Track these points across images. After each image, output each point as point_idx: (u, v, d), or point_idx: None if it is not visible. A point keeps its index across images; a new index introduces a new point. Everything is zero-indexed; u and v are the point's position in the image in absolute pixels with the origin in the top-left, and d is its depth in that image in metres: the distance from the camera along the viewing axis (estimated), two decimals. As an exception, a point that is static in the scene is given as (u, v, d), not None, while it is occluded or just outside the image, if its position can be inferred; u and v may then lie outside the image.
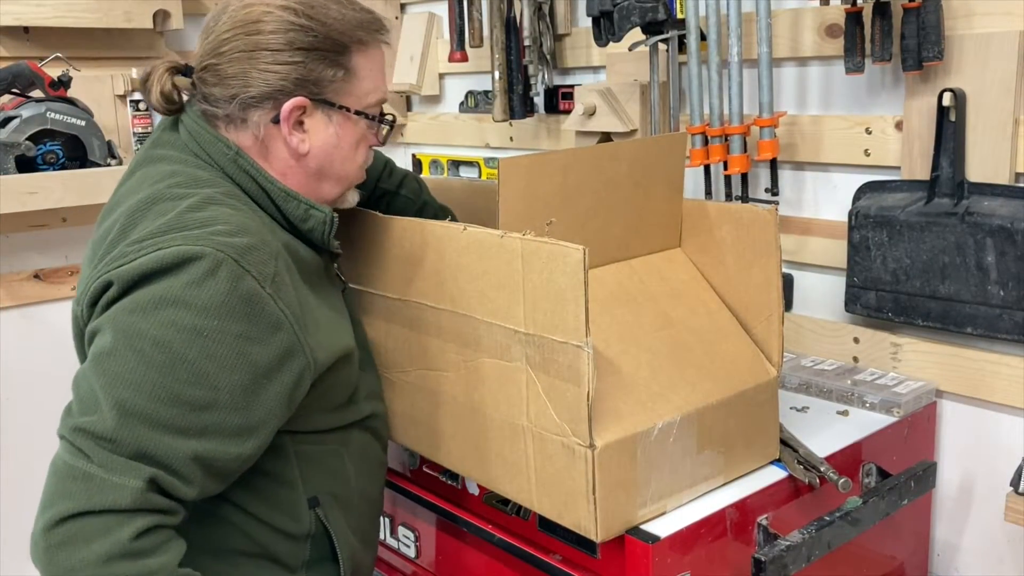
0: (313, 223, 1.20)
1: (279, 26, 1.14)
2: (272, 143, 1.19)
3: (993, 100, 1.50)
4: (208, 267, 1.02)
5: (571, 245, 1.10)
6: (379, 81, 1.24)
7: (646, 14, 1.76)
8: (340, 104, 1.20)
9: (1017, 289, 1.46)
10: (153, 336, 1.00)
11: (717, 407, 1.27)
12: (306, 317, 1.13)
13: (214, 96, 1.17)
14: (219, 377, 1.02)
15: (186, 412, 1.00)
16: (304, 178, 1.22)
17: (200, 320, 1.01)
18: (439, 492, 1.53)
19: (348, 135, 1.22)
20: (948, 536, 1.69)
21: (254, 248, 1.07)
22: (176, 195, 1.10)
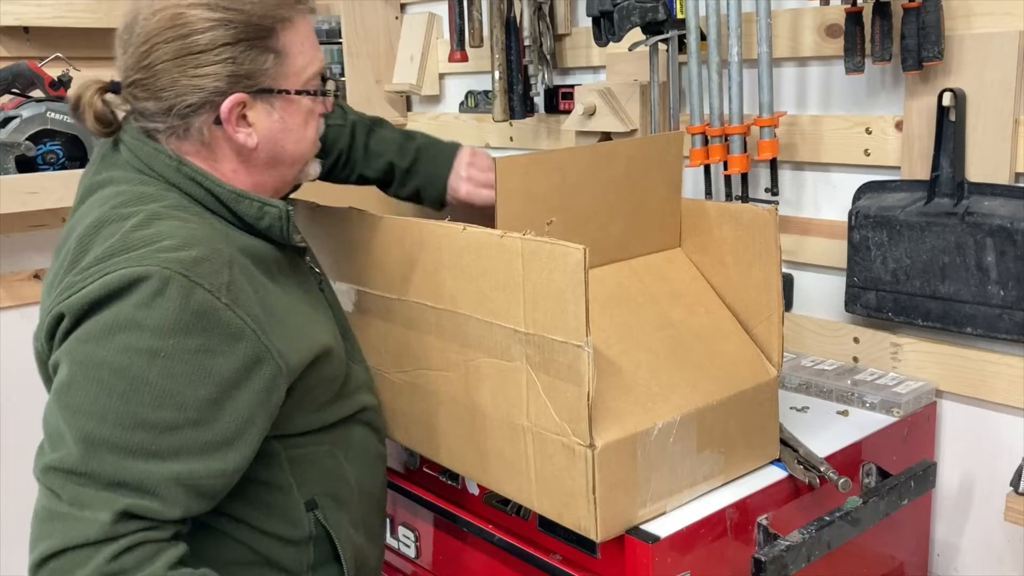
0: (269, 220, 1.16)
1: (197, 26, 1.09)
2: (218, 145, 1.15)
3: (993, 100, 1.50)
4: (156, 286, 1.00)
5: (571, 245, 1.10)
6: (312, 52, 1.19)
7: (646, 14, 1.76)
8: (279, 89, 1.15)
9: (1017, 289, 1.46)
10: (110, 363, 0.98)
11: (717, 407, 1.27)
12: (272, 321, 1.10)
13: (149, 111, 1.13)
14: (184, 395, 1.00)
15: (155, 435, 0.98)
16: (258, 171, 1.19)
17: (155, 341, 0.99)
18: (439, 492, 1.53)
19: (294, 116, 1.18)
20: (948, 536, 1.69)
21: (203, 259, 1.04)
22: (121, 215, 1.07)
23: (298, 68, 1.17)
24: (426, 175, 1.51)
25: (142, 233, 1.04)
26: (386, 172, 1.53)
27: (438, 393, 1.36)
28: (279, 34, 1.14)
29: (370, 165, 1.53)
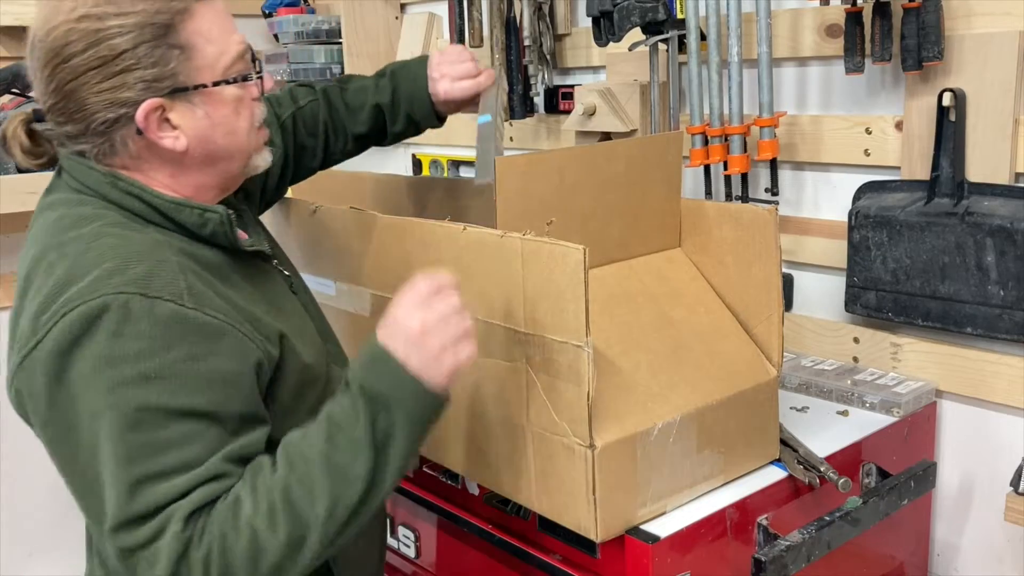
0: (212, 227, 1.11)
1: (89, 40, 1.02)
2: (148, 154, 1.10)
3: (993, 100, 1.50)
4: (119, 314, 0.96)
5: (571, 245, 1.10)
6: (224, 38, 1.11)
7: (646, 14, 1.76)
8: (194, 85, 1.08)
9: (1017, 289, 1.46)
10: (108, 408, 0.95)
11: (717, 407, 1.27)
12: (242, 316, 1.07)
13: (71, 133, 1.08)
14: (192, 404, 0.98)
15: (184, 447, 0.97)
16: (197, 173, 1.13)
17: (140, 366, 0.96)
18: (439, 492, 1.53)
19: (220, 109, 1.11)
20: (948, 536, 1.69)
21: (153, 273, 1.00)
22: (60, 243, 1.04)
23: (210, 58, 1.09)
24: (408, 96, 1.48)
25: (84, 260, 1.00)
26: (375, 117, 1.50)
27: (438, 393, 1.36)
28: (179, 28, 1.06)
29: (357, 119, 1.51)
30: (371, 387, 1.01)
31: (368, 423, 1.00)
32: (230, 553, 0.95)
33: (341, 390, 1.04)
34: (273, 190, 1.50)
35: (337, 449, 0.99)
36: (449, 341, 1.04)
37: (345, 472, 0.99)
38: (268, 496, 0.97)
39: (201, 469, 0.97)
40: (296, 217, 1.60)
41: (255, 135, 1.17)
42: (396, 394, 1.01)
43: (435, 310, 1.04)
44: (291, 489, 0.98)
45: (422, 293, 1.05)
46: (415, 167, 2.76)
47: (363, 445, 0.99)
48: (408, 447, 1.03)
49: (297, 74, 2.79)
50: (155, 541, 0.95)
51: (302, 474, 0.98)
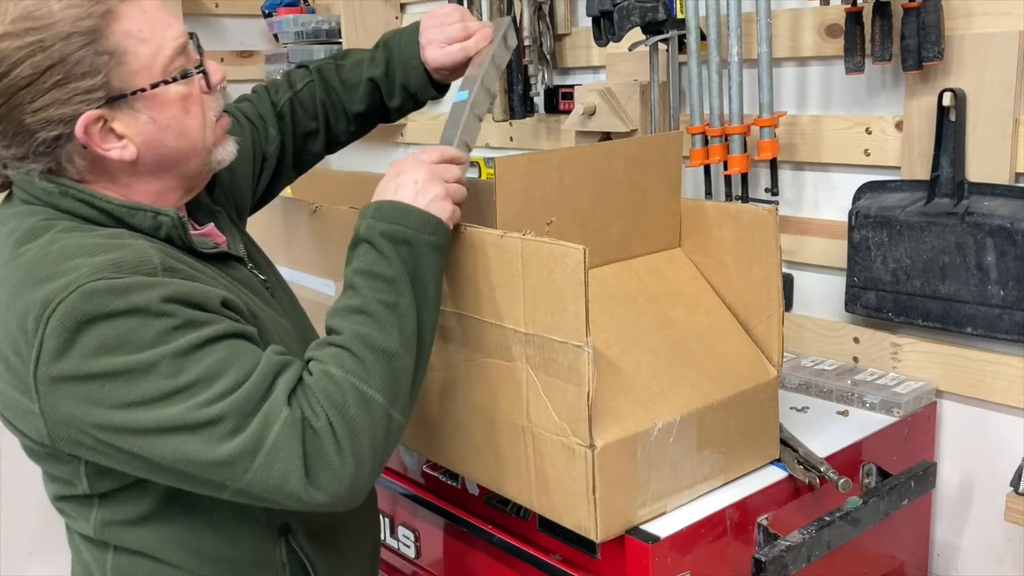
0: (166, 230, 1.07)
1: (13, 58, 0.97)
2: (98, 167, 1.06)
3: (993, 100, 1.50)
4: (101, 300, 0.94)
5: (571, 245, 1.10)
6: (157, 35, 1.04)
7: (646, 14, 1.76)
8: (132, 90, 1.02)
9: (1017, 289, 1.46)
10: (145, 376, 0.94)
11: (717, 407, 1.27)
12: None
13: (12, 156, 1.03)
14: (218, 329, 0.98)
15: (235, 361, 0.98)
16: (154, 179, 1.09)
17: (139, 355, 0.94)
18: (439, 492, 1.53)
19: (166, 110, 1.06)
20: (948, 536, 1.69)
21: (121, 259, 0.97)
22: (15, 256, 1.00)
23: (145, 60, 1.03)
24: (402, 67, 1.41)
25: (43, 267, 0.97)
26: (372, 93, 1.44)
27: (438, 393, 1.36)
28: (106, 32, 1.00)
29: (355, 97, 1.45)
30: (387, 230, 1.10)
31: (398, 260, 1.09)
32: (346, 411, 1.00)
33: (353, 249, 1.12)
34: (271, 181, 1.45)
35: (381, 292, 1.07)
36: (445, 194, 1.15)
37: (396, 307, 1.07)
38: (348, 352, 1.03)
39: (263, 365, 0.99)
40: (296, 217, 1.60)
41: (212, 129, 1.12)
42: (411, 227, 1.10)
43: (440, 168, 1.17)
44: (364, 336, 1.04)
45: (428, 151, 1.19)
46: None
47: (401, 281, 1.08)
48: (436, 272, 1.12)
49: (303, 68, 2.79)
50: (263, 443, 0.96)
51: (364, 321, 1.05)
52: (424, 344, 1.10)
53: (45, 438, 0.99)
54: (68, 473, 1.07)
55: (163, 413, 0.95)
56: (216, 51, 3.12)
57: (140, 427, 0.95)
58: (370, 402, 1.01)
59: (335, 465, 0.98)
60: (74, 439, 0.98)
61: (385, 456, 1.05)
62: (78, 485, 1.07)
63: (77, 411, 0.96)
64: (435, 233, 1.13)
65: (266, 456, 0.96)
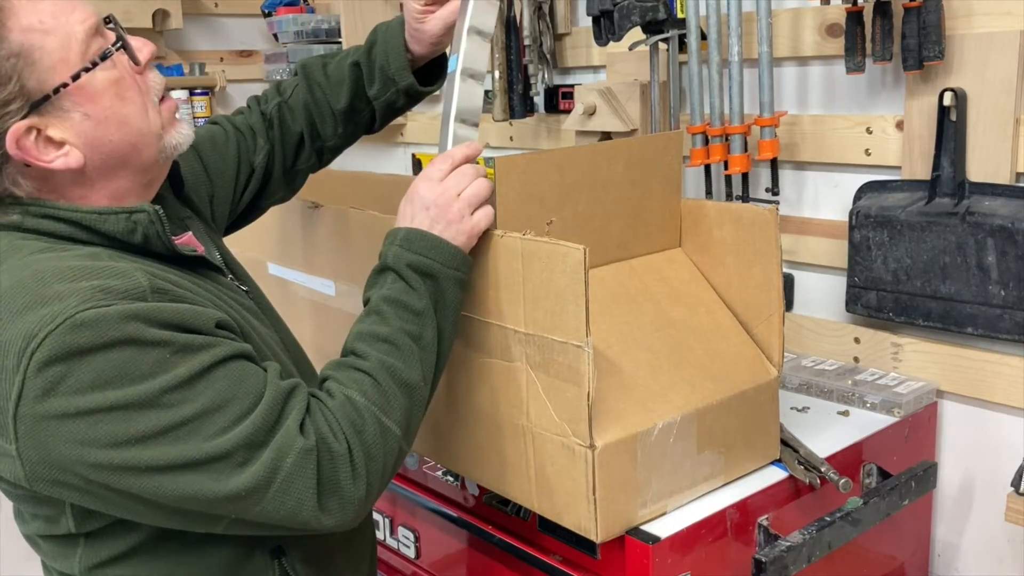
0: (142, 230, 0.99)
1: None
2: (48, 182, 0.98)
3: (994, 100, 1.50)
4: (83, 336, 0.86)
5: (571, 245, 1.10)
6: (63, 21, 0.95)
7: (646, 13, 1.75)
8: (53, 88, 0.94)
9: (1018, 289, 1.46)
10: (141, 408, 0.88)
11: (717, 407, 1.27)
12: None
13: None
14: (216, 354, 0.93)
15: (237, 390, 0.93)
16: (108, 181, 1.01)
17: (136, 387, 0.88)
18: (439, 492, 1.53)
19: (99, 101, 0.97)
20: (948, 536, 1.69)
21: (107, 286, 0.89)
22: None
23: (57, 51, 0.94)
24: (384, 47, 1.32)
25: (26, 292, 0.88)
26: (355, 81, 1.34)
27: (438, 393, 1.36)
28: (3, 33, 0.91)
29: (340, 92, 1.36)
30: (416, 263, 1.10)
31: (425, 293, 1.09)
32: (365, 439, 0.99)
33: (379, 275, 1.12)
34: (257, 193, 1.38)
35: (408, 323, 1.08)
36: (467, 206, 1.14)
37: (420, 339, 1.08)
38: (372, 380, 1.02)
39: (270, 393, 0.95)
40: (296, 217, 1.60)
41: (156, 111, 1.03)
42: (438, 261, 1.11)
43: (451, 181, 1.15)
44: (389, 366, 1.04)
45: (436, 167, 1.16)
46: (415, 167, 2.76)
47: (427, 313, 1.09)
48: (456, 305, 1.14)
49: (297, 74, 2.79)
50: (276, 475, 0.92)
51: (389, 351, 1.05)
52: (438, 377, 1.13)
53: (22, 480, 0.90)
54: (51, 512, 1.00)
55: (167, 449, 0.89)
56: (216, 51, 3.13)
57: (141, 465, 0.89)
58: (388, 433, 1.01)
59: (348, 491, 0.97)
60: (57, 480, 0.90)
61: (388, 483, 1.05)
62: (62, 524, 1.00)
63: (66, 451, 0.87)
64: (460, 268, 1.14)
65: (279, 487, 0.93)
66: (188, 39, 3.06)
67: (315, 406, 0.99)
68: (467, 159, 1.19)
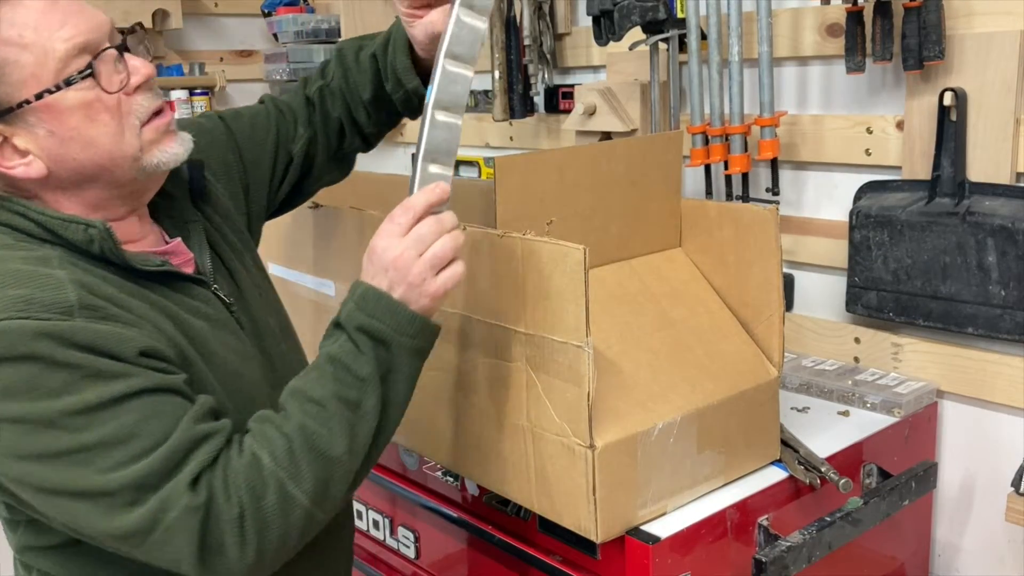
0: (99, 243, 0.98)
1: None
2: (16, 185, 0.99)
3: (994, 100, 1.49)
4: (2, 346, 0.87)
5: (571, 245, 1.10)
6: (45, 37, 0.94)
7: (646, 13, 1.75)
8: (18, 103, 0.94)
9: (1018, 289, 1.46)
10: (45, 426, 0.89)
11: (718, 407, 1.27)
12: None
13: None
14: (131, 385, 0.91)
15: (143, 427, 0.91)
16: (80, 192, 1.01)
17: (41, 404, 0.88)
18: (439, 492, 1.53)
19: (65, 120, 0.96)
20: (949, 536, 1.69)
21: (32, 297, 0.90)
22: None
23: (30, 67, 0.93)
24: (395, 42, 1.26)
25: None
26: (375, 73, 1.29)
27: (438, 393, 1.36)
28: None
29: (364, 79, 1.30)
30: (367, 326, 1.01)
31: (373, 360, 1.00)
32: (262, 507, 0.93)
33: (332, 331, 1.04)
34: (300, 179, 1.35)
35: (348, 388, 0.99)
36: (428, 267, 1.03)
37: (357, 409, 0.99)
38: (286, 445, 0.95)
39: (177, 437, 0.91)
40: (296, 217, 1.60)
41: (136, 134, 1.01)
42: (392, 328, 1.01)
43: (412, 235, 1.03)
44: (309, 433, 0.97)
45: (396, 220, 1.04)
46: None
47: (371, 382, 1.00)
48: (409, 376, 1.04)
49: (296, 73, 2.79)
50: (158, 525, 0.90)
51: (316, 416, 0.97)
52: (379, 445, 1.03)
53: None
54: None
55: (61, 473, 0.89)
56: (216, 50, 3.13)
57: (35, 483, 0.90)
58: (291, 502, 0.95)
59: (233, 555, 0.92)
60: None
61: (294, 548, 0.98)
62: (1, 509, 1.04)
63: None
64: (418, 336, 1.03)
65: (160, 537, 0.91)
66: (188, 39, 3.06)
67: (221, 460, 0.94)
68: (430, 208, 1.05)
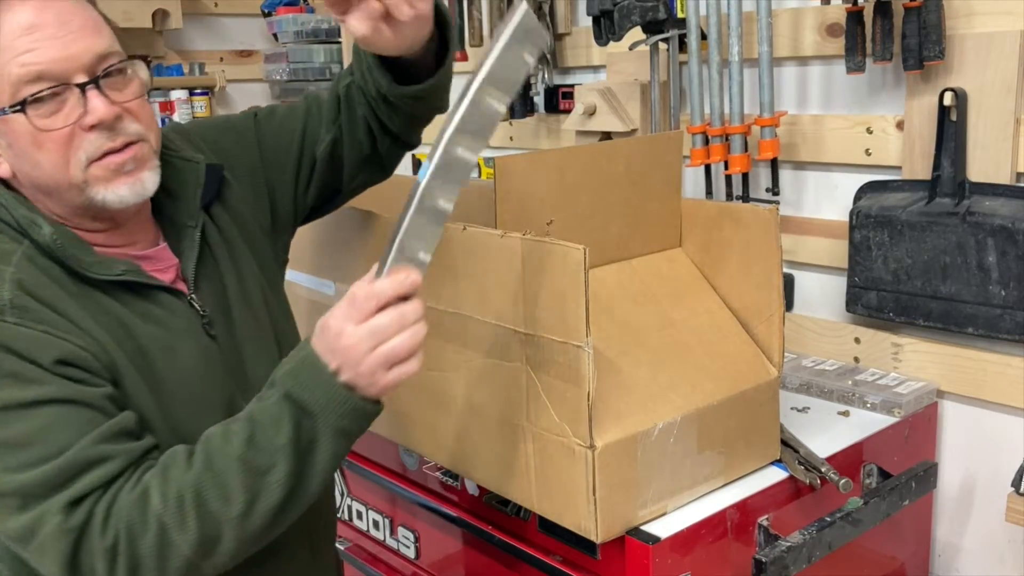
0: (52, 247, 0.99)
1: None
2: (2, 183, 1.02)
3: (994, 100, 1.49)
4: None
5: (571, 245, 1.10)
6: (9, 54, 0.95)
7: (646, 13, 1.75)
8: None
9: (1018, 289, 1.46)
10: None
11: (718, 407, 1.27)
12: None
13: None
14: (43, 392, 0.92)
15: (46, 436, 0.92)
16: (48, 198, 1.03)
17: None
18: (439, 492, 1.53)
19: (18, 139, 0.98)
20: (949, 536, 1.69)
21: None
22: None
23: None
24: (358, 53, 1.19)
25: None
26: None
27: (438, 393, 1.36)
28: None
29: (371, 73, 1.18)
30: (297, 395, 0.95)
31: (292, 430, 0.95)
32: (137, 545, 0.91)
33: (268, 388, 0.98)
34: (328, 180, 1.27)
35: (258, 451, 0.94)
36: (381, 363, 0.95)
37: (264, 475, 0.94)
38: (179, 492, 0.93)
39: (73, 453, 0.91)
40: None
41: (81, 169, 0.99)
42: (322, 403, 0.95)
43: (370, 326, 0.94)
44: (204, 488, 0.93)
45: (357, 304, 0.95)
46: (415, 167, 2.75)
47: (285, 451, 0.95)
48: (333, 453, 0.97)
49: (296, 73, 2.79)
50: (35, 536, 0.91)
51: (218, 472, 0.94)
52: (288, 511, 0.98)
53: None
54: None
55: None
56: (216, 50, 3.13)
57: None
58: (171, 549, 0.92)
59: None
60: None
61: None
62: None
63: None
64: (347, 417, 0.96)
65: (36, 548, 0.92)
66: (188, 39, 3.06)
67: (114, 487, 0.93)
68: (396, 299, 0.95)
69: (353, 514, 1.74)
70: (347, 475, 1.73)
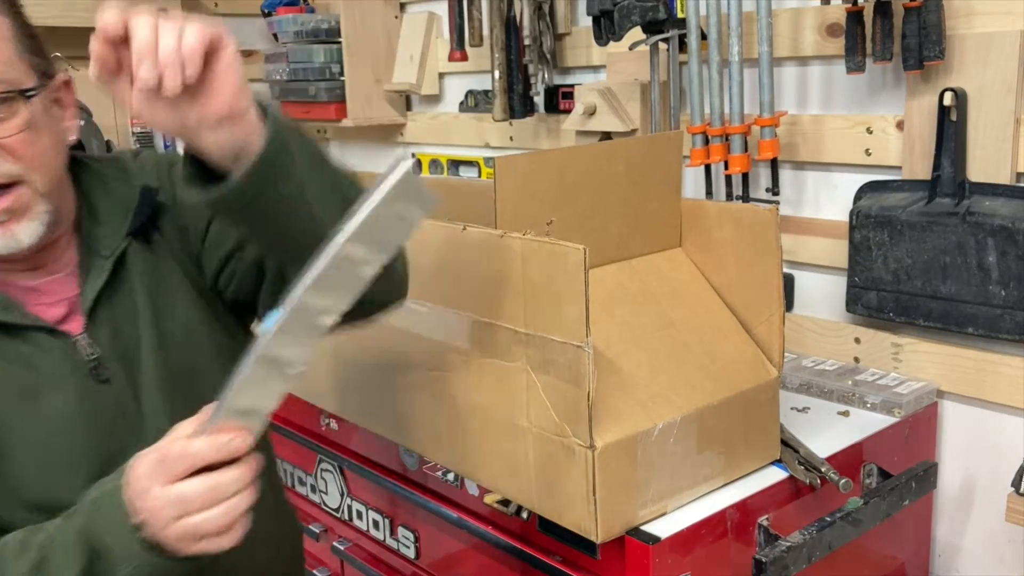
0: None
1: None
2: None
3: (994, 100, 1.49)
4: None
5: (571, 245, 1.10)
6: None
7: (646, 13, 1.75)
8: None
9: (1018, 289, 1.46)
10: None
11: (718, 407, 1.27)
12: None
13: None
14: None
15: None
16: None
17: None
18: (439, 492, 1.53)
19: None
20: (949, 536, 1.69)
21: None
22: None
23: None
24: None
25: None
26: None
27: (438, 393, 1.36)
28: None
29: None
30: (95, 535, 0.85)
31: (81, 571, 0.84)
32: None
33: (69, 515, 0.88)
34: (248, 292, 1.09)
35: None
36: (185, 534, 0.82)
37: None
38: None
39: None
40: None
41: None
42: (117, 554, 0.84)
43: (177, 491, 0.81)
44: None
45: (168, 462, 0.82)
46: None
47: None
48: None
49: (296, 73, 2.78)
50: None
51: None
52: None
53: None
54: None
55: None
56: (216, 51, 3.11)
57: None
58: None
59: None
60: None
61: None
62: None
63: None
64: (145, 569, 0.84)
65: None
66: (188, 39, 3.05)
67: None
68: (216, 461, 0.82)
69: (353, 514, 1.74)
70: (347, 475, 1.73)
